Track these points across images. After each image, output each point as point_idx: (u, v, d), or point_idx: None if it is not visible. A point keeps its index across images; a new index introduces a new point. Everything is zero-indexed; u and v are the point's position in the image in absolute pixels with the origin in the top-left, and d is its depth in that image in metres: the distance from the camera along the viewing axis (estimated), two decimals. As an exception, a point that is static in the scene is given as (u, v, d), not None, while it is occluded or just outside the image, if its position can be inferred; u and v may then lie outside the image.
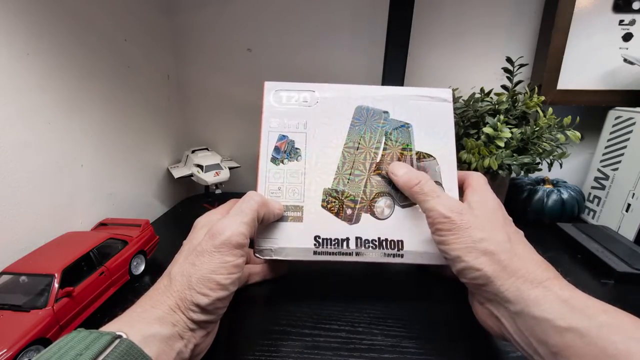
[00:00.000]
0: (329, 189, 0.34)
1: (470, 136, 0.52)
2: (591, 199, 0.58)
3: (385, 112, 0.35)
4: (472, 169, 0.50)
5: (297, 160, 0.34)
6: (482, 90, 0.54)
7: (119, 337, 0.20)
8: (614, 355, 0.19)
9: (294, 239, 0.33)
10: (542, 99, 0.50)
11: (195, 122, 0.69)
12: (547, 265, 0.25)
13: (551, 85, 0.57)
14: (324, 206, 0.34)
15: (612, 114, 0.55)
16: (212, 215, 0.31)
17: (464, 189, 0.32)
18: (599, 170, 0.57)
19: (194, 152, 0.62)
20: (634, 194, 0.50)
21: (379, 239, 0.33)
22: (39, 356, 0.19)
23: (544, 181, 0.58)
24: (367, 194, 0.34)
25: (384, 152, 0.34)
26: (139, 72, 0.54)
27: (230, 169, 0.60)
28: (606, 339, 0.19)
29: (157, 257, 0.43)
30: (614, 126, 0.54)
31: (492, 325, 0.26)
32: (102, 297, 0.34)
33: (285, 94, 0.36)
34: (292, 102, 0.36)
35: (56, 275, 0.29)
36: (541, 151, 0.47)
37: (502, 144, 0.47)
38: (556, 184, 0.57)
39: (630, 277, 0.39)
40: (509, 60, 0.52)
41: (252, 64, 0.64)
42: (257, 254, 0.33)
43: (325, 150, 0.35)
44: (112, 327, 0.21)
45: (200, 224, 0.30)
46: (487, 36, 0.60)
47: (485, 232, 0.26)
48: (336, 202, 0.34)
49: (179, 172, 0.59)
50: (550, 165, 0.50)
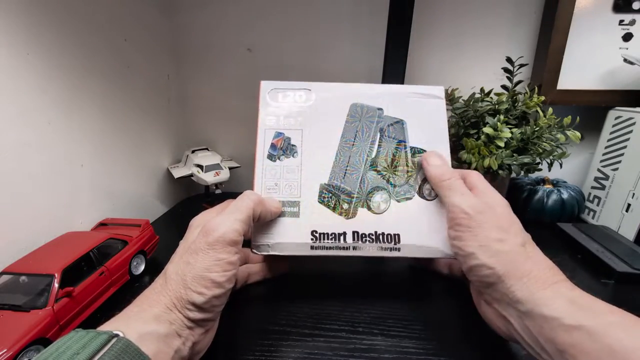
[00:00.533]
0: (325, 184, 0.34)
1: (470, 136, 0.52)
2: (591, 199, 0.58)
3: (379, 109, 0.36)
4: (472, 169, 0.50)
5: (293, 156, 0.35)
6: (482, 90, 0.54)
7: (116, 335, 0.20)
8: (620, 351, 0.19)
9: (291, 234, 0.33)
10: (542, 99, 0.50)
11: (195, 122, 0.69)
12: (556, 269, 0.26)
13: (551, 85, 0.57)
14: (321, 201, 0.34)
15: (612, 114, 0.55)
16: (208, 214, 0.31)
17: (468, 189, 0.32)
18: (599, 170, 0.57)
19: (194, 152, 0.62)
20: (634, 194, 0.50)
21: (375, 232, 0.33)
22: (38, 357, 0.19)
23: (544, 181, 0.58)
24: (363, 189, 0.34)
25: (379, 148, 0.35)
26: (139, 72, 0.54)
27: (230, 169, 0.60)
28: (613, 337, 0.20)
29: (157, 257, 0.43)
30: (614, 126, 0.54)
31: (499, 325, 0.27)
32: (102, 297, 0.34)
33: (281, 93, 0.36)
34: (288, 100, 0.36)
35: (56, 275, 0.29)
36: (541, 151, 0.47)
37: (502, 144, 0.47)
38: (556, 184, 0.57)
39: (630, 277, 0.39)
40: (509, 60, 0.52)
41: (252, 64, 0.64)
42: (254, 250, 0.33)
43: (321, 146, 0.35)
44: (109, 326, 0.22)
45: (195, 223, 0.30)
46: (487, 36, 0.60)
47: (501, 233, 0.27)
48: (333, 197, 0.34)
49: (179, 172, 0.59)
50: (550, 165, 0.50)
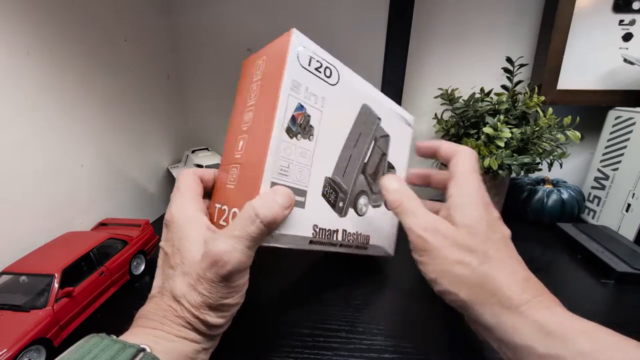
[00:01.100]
0: (329, 178, 0.32)
1: (470, 136, 0.52)
2: (591, 199, 0.57)
3: (379, 118, 0.36)
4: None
5: (309, 139, 0.30)
6: (482, 90, 0.54)
7: (143, 350, 0.20)
8: None
9: (295, 226, 0.29)
10: (542, 99, 0.50)
11: (195, 122, 0.69)
12: (525, 279, 0.24)
13: (551, 85, 0.56)
14: (323, 195, 0.32)
15: (612, 114, 0.55)
16: (185, 206, 0.27)
17: (450, 176, 0.28)
18: (599, 170, 0.56)
19: (194, 152, 0.62)
20: (634, 194, 0.50)
21: (357, 232, 0.35)
22: (61, 358, 0.19)
23: (544, 181, 0.58)
24: (354, 191, 0.35)
25: (370, 155, 0.36)
26: (139, 72, 0.54)
27: (230, 169, 0.60)
28: None
29: (157, 257, 0.43)
30: (614, 126, 0.54)
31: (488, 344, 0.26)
32: (102, 297, 0.34)
33: (312, 57, 0.29)
34: (317, 70, 0.30)
35: (56, 275, 0.29)
36: (541, 151, 0.47)
37: (502, 144, 0.47)
38: (556, 184, 0.57)
39: (630, 277, 0.39)
40: (509, 60, 0.52)
41: (252, 64, 0.64)
42: None
43: (333, 137, 0.32)
44: (132, 338, 0.21)
45: (176, 223, 0.26)
46: (487, 36, 0.60)
47: (462, 253, 0.24)
48: (333, 193, 0.33)
49: (179, 172, 0.59)
50: (550, 165, 0.50)
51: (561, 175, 0.58)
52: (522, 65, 0.51)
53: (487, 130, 0.48)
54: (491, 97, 0.53)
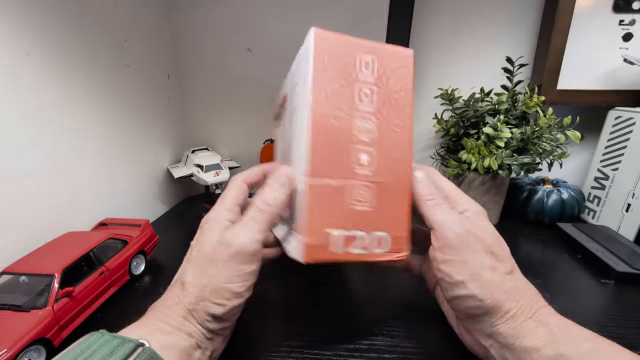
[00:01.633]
0: None
1: (470, 136, 0.52)
2: (591, 199, 0.58)
3: None
4: (472, 169, 0.50)
5: None
6: (482, 90, 0.54)
7: (142, 345, 0.20)
8: None
9: None
10: (542, 99, 0.50)
11: (195, 122, 0.69)
12: (537, 293, 0.25)
13: (551, 85, 0.57)
14: None
15: (612, 114, 0.55)
16: (220, 212, 0.28)
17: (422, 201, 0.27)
18: (599, 170, 0.57)
19: (194, 152, 0.62)
20: (634, 194, 0.50)
21: None
22: (62, 356, 0.19)
23: (544, 181, 0.58)
24: None
25: None
26: (139, 72, 0.54)
27: (230, 169, 0.60)
28: None
29: (157, 257, 0.43)
30: (614, 126, 0.54)
31: (477, 350, 0.27)
32: (102, 297, 0.34)
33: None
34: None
35: (56, 275, 0.29)
36: (541, 151, 0.47)
37: (502, 144, 0.47)
38: (556, 184, 0.57)
39: (630, 277, 0.39)
40: (509, 60, 0.52)
41: (252, 64, 0.64)
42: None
43: None
44: (131, 333, 0.21)
45: (208, 223, 0.27)
46: (487, 36, 0.60)
47: (493, 259, 0.24)
48: None
49: (179, 172, 0.59)
50: (550, 165, 0.50)
51: (561, 175, 0.58)
52: (522, 65, 0.51)
53: (487, 130, 0.48)
54: (491, 97, 0.53)
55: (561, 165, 0.50)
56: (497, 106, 0.51)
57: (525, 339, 0.23)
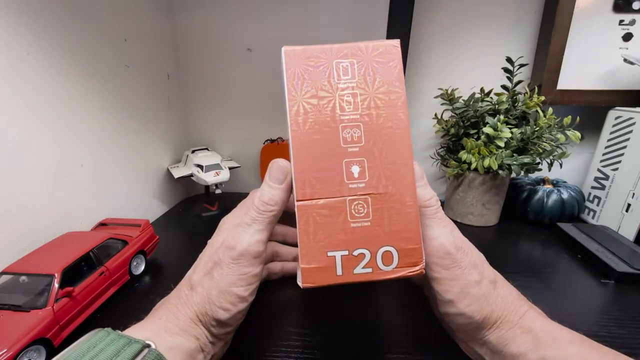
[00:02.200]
0: None
1: (470, 136, 0.52)
2: (591, 199, 0.58)
3: None
4: (472, 169, 0.50)
5: None
6: (482, 90, 0.54)
7: (148, 346, 0.20)
8: None
9: None
10: (542, 99, 0.50)
11: (195, 122, 0.69)
12: (521, 297, 0.26)
13: (551, 85, 0.56)
14: None
15: (612, 114, 0.55)
16: (238, 215, 0.28)
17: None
18: (599, 170, 0.56)
19: (194, 152, 0.62)
20: (634, 194, 0.50)
21: None
22: (67, 352, 0.19)
23: (544, 181, 0.58)
24: None
25: None
26: (139, 72, 0.54)
27: (230, 169, 0.60)
28: None
29: (157, 257, 0.43)
30: (614, 126, 0.54)
31: (476, 358, 0.27)
32: (102, 297, 0.34)
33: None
34: None
35: (56, 275, 0.29)
36: (541, 151, 0.47)
37: (502, 144, 0.47)
38: (556, 184, 0.57)
39: (630, 277, 0.39)
40: (509, 60, 0.52)
41: (252, 64, 0.64)
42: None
43: None
44: (138, 333, 0.21)
45: (224, 225, 0.29)
46: (487, 36, 0.60)
47: (477, 272, 0.24)
48: None
49: (179, 172, 0.59)
50: (550, 165, 0.50)
51: (561, 175, 0.58)
52: (522, 65, 0.52)
53: (487, 130, 0.48)
54: (491, 97, 0.53)
55: (561, 165, 0.50)
56: (497, 106, 0.51)
57: (512, 346, 0.23)
